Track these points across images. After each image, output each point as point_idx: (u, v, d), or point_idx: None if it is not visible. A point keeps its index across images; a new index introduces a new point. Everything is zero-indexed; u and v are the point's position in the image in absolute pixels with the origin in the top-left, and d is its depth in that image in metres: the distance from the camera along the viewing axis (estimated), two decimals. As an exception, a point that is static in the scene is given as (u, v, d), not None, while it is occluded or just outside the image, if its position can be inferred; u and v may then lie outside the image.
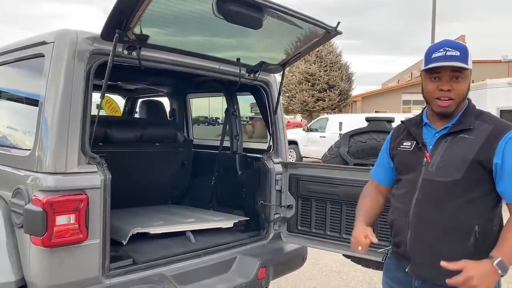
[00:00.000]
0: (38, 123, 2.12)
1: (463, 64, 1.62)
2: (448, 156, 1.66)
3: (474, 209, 1.62)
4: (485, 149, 1.60)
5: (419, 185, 1.71)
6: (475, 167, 1.61)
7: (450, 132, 1.69)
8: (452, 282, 1.48)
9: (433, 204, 1.67)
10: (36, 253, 1.98)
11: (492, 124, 1.65)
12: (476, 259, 1.54)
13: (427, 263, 1.69)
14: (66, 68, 2.08)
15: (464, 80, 1.66)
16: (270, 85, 3.13)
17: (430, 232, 1.67)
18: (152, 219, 3.03)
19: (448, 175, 1.64)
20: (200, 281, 2.50)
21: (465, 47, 1.67)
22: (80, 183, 2.05)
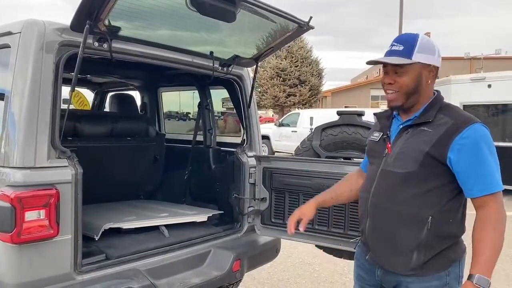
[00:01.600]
0: (4, 116, 2.04)
1: (399, 59, 1.65)
2: (406, 148, 1.69)
3: (428, 201, 1.65)
4: (441, 143, 1.61)
5: (377, 175, 1.76)
6: (429, 160, 1.63)
7: (412, 125, 1.71)
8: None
9: (389, 194, 1.71)
10: (4, 250, 1.92)
11: (453, 119, 1.64)
12: (429, 249, 1.63)
13: (382, 251, 1.75)
14: (34, 60, 2.01)
15: (406, 73, 1.67)
16: (244, 79, 3.14)
17: (385, 221, 1.72)
18: (124, 214, 2.99)
19: (403, 167, 1.68)
20: (174, 275, 2.50)
21: (413, 40, 1.68)
22: (50, 178, 2.00)
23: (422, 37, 1.70)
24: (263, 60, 3.10)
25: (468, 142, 1.58)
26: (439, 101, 1.73)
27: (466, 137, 1.58)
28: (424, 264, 1.65)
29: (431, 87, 1.74)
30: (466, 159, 1.58)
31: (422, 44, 1.67)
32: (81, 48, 2.04)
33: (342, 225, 2.64)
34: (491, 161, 1.59)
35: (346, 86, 40.90)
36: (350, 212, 2.56)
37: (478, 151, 1.58)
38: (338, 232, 2.65)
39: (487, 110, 9.23)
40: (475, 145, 1.58)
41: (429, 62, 1.68)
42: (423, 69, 1.68)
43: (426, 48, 1.68)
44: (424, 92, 1.71)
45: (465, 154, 1.58)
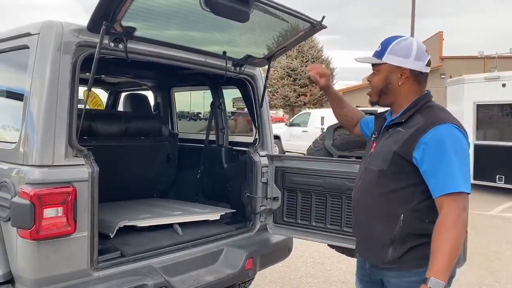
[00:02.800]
0: (24, 115, 2.09)
1: (371, 59, 1.78)
2: (382, 147, 1.77)
3: (398, 198, 1.69)
4: (408, 142, 1.65)
5: (362, 172, 1.87)
6: (397, 159, 1.67)
7: (391, 125, 1.78)
8: None
9: (367, 191, 1.80)
10: (24, 246, 1.97)
11: (425, 119, 1.67)
12: (403, 245, 1.68)
13: (363, 245, 1.87)
14: (51, 61, 2.06)
15: (377, 73, 1.78)
16: (256, 79, 3.15)
17: (364, 217, 1.82)
18: (139, 212, 3.03)
19: (377, 165, 1.75)
20: (188, 272, 2.52)
21: (389, 43, 1.75)
22: (68, 176, 2.04)
23: (399, 41, 1.75)
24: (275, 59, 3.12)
25: (432, 141, 1.60)
26: (420, 103, 1.75)
27: (431, 136, 1.60)
28: (400, 258, 1.70)
29: (409, 90, 1.76)
30: (429, 159, 1.60)
31: (396, 47, 1.73)
32: (98, 48, 2.07)
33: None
34: (454, 162, 1.58)
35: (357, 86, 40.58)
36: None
37: (441, 151, 1.59)
38: (351, 232, 2.65)
39: (501, 110, 9.10)
40: (438, 145, 1.59)
41: (399, 64, 1.72)
42: (393, 70, 1.74)
43: (399, 51, 1.73)
44: (399, 93, 1.76)
45: (428, 153, 1.60)
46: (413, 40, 1.77)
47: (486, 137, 9.17)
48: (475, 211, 7.13)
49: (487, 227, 6.59)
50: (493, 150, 8.90)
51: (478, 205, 7.89)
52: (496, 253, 5.35)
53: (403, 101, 1.76)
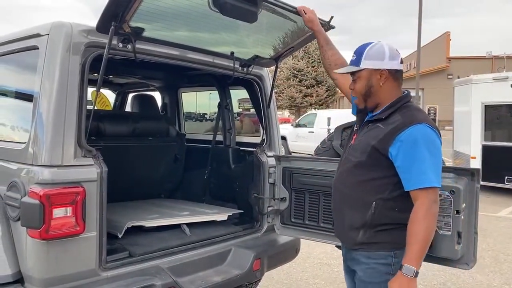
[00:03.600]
0: (33, 115, 2.10)
1: (349, 68, 1.93)
2: (361, 140, 1.92)
3: (373, 188, 1.86)
4: (386, 138, 1.81)
5: (341, 162, 2.04)
6: (374, 152, 1.83)
7: (371, 120, 1.93)
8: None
9: (344, 179, 1.96)
10: (33, 246, 1.98)
11: (402, 118, 1.82)
12: (372, 230, 1.86)
13: (338, 228, 2.05)
14: (61, 61, 2.07)
15: (358, 80, 1.91)
16: (263, 79, 3.15)
17: (340, 203, 1.99)
18: (146, 212, 3.04)
19: (356, 156, 1.91)
20: (196, 273, 2.53)
21: (363, 50, 1.89)
22: (77, 176, 2.05)
23: (372, 46, 1.89)
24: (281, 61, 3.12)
25: (407, 139, 1.76)
26: (400, 102, 1.89)
27: (407, 135, 1.76)
28: (368, 241, 1.88)
29: (390, 89, 1.90)
30: (404, 155, 1.76)
31: (371, 52, 1.87)
32: (107, 49, 2.08)
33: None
34: (427, 159, 1.74)
35: (364, 87, 40.37)
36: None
37: (415, 149, 1.74)
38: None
39: (510, 110, 9.02)
40: (413, 143, 1.75)
41: (377, 67, 1.86)
42: (372, 74, 1.88)
43: (374, 55, 1.87)
44: (381, 94, 1.90)
45: (403, 150, 1.76)
46: (383, 43, 1.91)
47: (494, 138, 9.08)
48: (483, 213, 7.06)
49: (496, 229, 6.53)
50: (501, 151, 8.82)
51: (486, 206, 7.82)
52: (505, 254, 5.29)
53: (386, 100, 1.91)
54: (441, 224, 2.26)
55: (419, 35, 23.28)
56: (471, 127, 9.24)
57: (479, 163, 8.84)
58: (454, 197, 2.20)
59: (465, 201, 2.21)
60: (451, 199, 2.21)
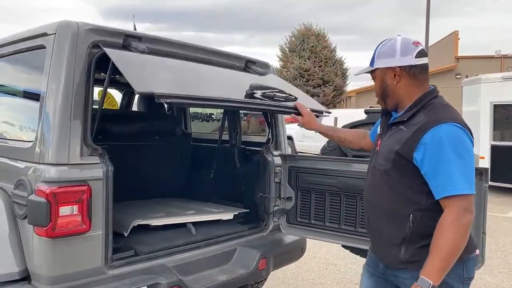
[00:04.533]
0: (40, 114, 2.11)
1: (367, 69, 1.83)
2: (386, 146, 1.75)
3: (406, 198, 1.67)
4: (410, 142, 1.63)
5: (369, 170, 1.87)
6: (399, 159, 1.66)
7: (395, 123, 1.76)
8: None
9: (376, 191, 1.79)
10: (40, 244, 1.99)
11: (426, 118, 1.64)
12: (415, 244, 1.66)
13: (376, 245, 1.85)
14: (67, 60, 2.08)
15: (376, 80, 1.83)
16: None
17: (375, 217, 1.81)
18: (152, 211, 3.04)
19: (382, 164, 1.74)
20: (201, 272, 2.52)
21: (377, 48, 1.80)
22: (83, 175, 2.06)
23: (385, 43, 1.78)
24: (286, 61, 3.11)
25: (431, 141, 1.57)
26: (424, 100, 1.72)
27: (431, 136, 1.58)
28: (412, 258, 1.67)
29: (409, 87, 1.74)
30: (429, 160, 1.58)
31: (382, 50, 1.78)
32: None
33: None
34: (454, 163, 1.54)
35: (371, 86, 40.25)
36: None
37: (440, 152, 1.56)
38: (365, 233, 2.62)
39: (519, 110, 8.93)
40: (438, 145, 1.56)
41: (388, 65, 1.75)
42: (385, 72, 1.77)
43: (384, 53, 1.76)
44: (399, 92, 1.75)
45: (428, 154, 1.58)
46: (397, 38, 1.77)
47: (504, 138, 8.99)
48: (492, 213, 6.99)
49: (504, 229, 6.46)
50: (510, 151, 8.73)
51: (495, 207, 7.74)
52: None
53: (406, 99, 1.75)
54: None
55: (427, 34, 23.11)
56: (479, 127, 9.15)
57: (488, 163, 8.75)
58: (461, 196, 2.19)
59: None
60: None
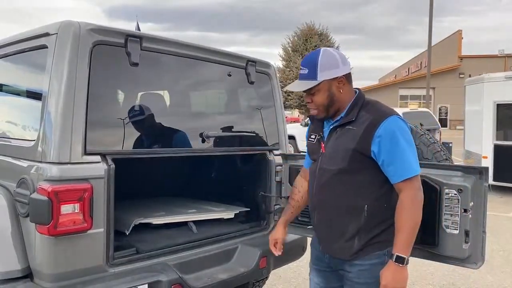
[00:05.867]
0: (42, 113, 2.13)
1: (307, 83, 1.85)
2: (336, 146, 1.89)
3: (362, 192, 1.86)
4: (364, 139, 1.80)
5: (317, 173, 1.96)
6: (356, 155, 1.82)
7: (340, 125, 1.90)
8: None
9: (328, 189, 1.92)
10: (42, 242, 2.00)
11: (372, 115, 1.83)
12: (367, 233, 1.86)
13: (329, 241, 1.97)
14: (69, 60, 2.09)
15: (318, 92, 1.87)
16: (271, 77, 3.15)
17: (329, 214, 1.93)
18: (154, 210, 3.06)
19: (335, 164, 1.88)
20: (202, 270, 2.54)
21: (314, 61, 1.85)
22: (84, 173, 2.07)
23: (322, 55, 1.86)
24: (289, 60, 3.11)
25: (385, 134, 1.78)
26: (360, 100, 1.91)
27: (383, 129, 1.78)
28: (365, 246, 1.87)
29: (348, 92, 1.92)
30: (385, 150, 1.78)
31: (323, 62, 1.84)
32: None
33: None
34: (407, 149, 1.79)
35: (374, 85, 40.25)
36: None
37: (395, 141, 1.78)
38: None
39: (522, 110, 8.89)
40: (391, 136, 1.78)
41: (334, 75, 1.86)
42: (331, 83, 1.87)
43: (328, 64, 1.85)
44: (342, 99, 1.90)
45: (384, 145, 1.78)
46: (329, 50, 1.91)
47: (507, 137, 8.95)
48: (494, 213, 6.97)
49: (507, 229, 6.45)
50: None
51: (497, 206, 7.72)
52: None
53: (346, 103, 1.91)
54: (449, 223, 2.25)
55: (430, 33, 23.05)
56: (482, 126, 9.12)
57: (491, 162, 8.72)
58: (461, 195, 2.19)
59: (472, 200, 2.19)
60: (459, 197, 2.20)
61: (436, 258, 2.33)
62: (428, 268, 4.66)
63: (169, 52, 2.52)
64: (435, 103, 34.19)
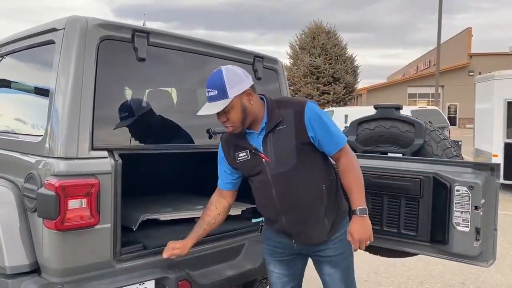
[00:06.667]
0: (49, 108, 2.14)
1: (219, 104, 1.88)
2: (279, 149, 1.98)
3: (318, 175, 2.02)
4: (299, 130, 1.94)
5: (271, 182, 2.01)
6: (301, 147, 1.96)
7: (270, 130, 1.98)
8: (355, 248, 1.97)
9: (289, 191, 2.00)
10: (49, 237, 2.01)
11: (292, 108, 1.98)
12: (332, 209, 2.05)
13: (306, 232, 2.07)
14: (76, 55, 2.09)
15: (231, 110, 1.92)
16: (278, 73, 3.13)
17: (298, 209, 2.03)
18: (161, 206, 3.05)
19: (287, 164, 1.97)
20: (209, 266, 2.53)
21: (220, 81, 1.89)
22: (91, 168, 2.07)
23: (226, 73, 1.91)
24: (296, 58, 3.10)
25: (312, 116, 1.95)
26: (273, 102, 2.03)
27: (308, 113, 1.95)
28: (334, 222, 2.07)
29: (257, 102, 2.00)
30: (318, 128, 1.95)
31: (229, 79, 1.90)
32: None
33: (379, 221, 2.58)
34: (330, 123, 1.99)
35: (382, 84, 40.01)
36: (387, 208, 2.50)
37: (321, 121, 1.96)
38: (375, 229, 2.60)
39: (533, 107, 8.76)
40: (318, 116, 1.96)
41: (243, 89, 1.92)
42: (242, 97, 1.93)
43: (234, 80, 1.91)
44: (254, 109, 1.98)
45: (315, 125, 1.94)
46: (230, 67, 1.96)
47: (518, 136, 8.84)
48: (506, 212, 6.89)
49: (518, 228, 6.36)
50: (525, 149, 8.57)
51: (508, 205, 7.63)
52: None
53: (259, 112, 2.00)
54: (459, 220, 2.22)
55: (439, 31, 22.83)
56: (493, 124, 9.02)
57: (501, 161, 8.61)
58: (472, 192, 2.16)
59: (484, 197, 2.16)
60: (470, 194, 2.17)
61: (447, 255, 2.30)
62: (437, 266, 4.61)
63: (176, 48, 2.51)
64: (444, 102, 33.87)
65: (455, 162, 2.39)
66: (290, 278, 2.25)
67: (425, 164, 2.43)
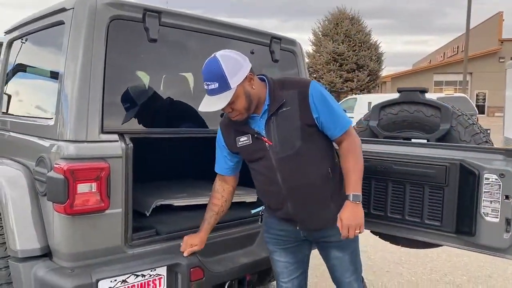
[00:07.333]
0: (59, 91, 2.09)
1: (223, 98, 1.78)
2: (282, 132, 1.90)
3: (323, 157, 1.97)
4: (304, 111, 1.87)
5: (275, 166, 1.93)
6: (305, 129, 1.88)
7: (274, 112, 1.90)
8: (343, 235, 1.89)
9: (295, 175, 1.93)
10: (59, 221, 1.98)
11: (295, 89, 1.90)
12: (337, 193, 1.98)
13: (312, 217, 2.02)
14: (85, 35, 2.03)
15: (236, 99, 1.83)
16: (297, 55, 3.01)
17: (306, 195, 1.97)
18: (175, 192, 3.01)
19: (291, 148, 1.90)
20: (223, 253, 2.47)
21: (220, 72, 1.77)
22: (101, 152, 2.02)
23: (223, 62, 1.79)
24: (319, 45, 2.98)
25: (316, 97, 1.87)
26: (275, 83, 1.94)
27: (312, 93, 1.87)
28: (340, 206, 1.92)
29: (259, 84, 1.91)
30: (322, 110, 1.88)
31: (229, 69, 1.78)
32: None
33: (400, 210, 2.46)
34: (336, 104, 1.93)
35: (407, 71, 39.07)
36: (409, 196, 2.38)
37: (326, 100, 1.89)
38: (396, 218, 2.48)
39: None
40: (322, 97, 1.89)
41: (244, 76, 1.82)
42: (244, 85, 1.83)
43: (234, 68, 1.80)
44: (257, 93, 1.89)
45: (320, 107, 1.87)
46: (225, 53, 1.84)
47: (551, 123, 8.45)
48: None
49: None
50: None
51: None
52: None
53: (262, 94, 1.91)
54: (488, 210, 2.09)
55: (468, 16, 22.00)
56: (524, 112, 8.64)
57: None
58: (503, 180, 2.03)
59: (516, 185, 2.02)
60: (500, 183, 2.04)
61: (474, 247, 2.17)
62: (462, 258, 4.45)
63: (189, 28, 2.43)
64: (472, 89, 32.80)
65: (484, 148, 2.24)
66: (296, 266, 2.20)
67: (451, 150, 2.29)
